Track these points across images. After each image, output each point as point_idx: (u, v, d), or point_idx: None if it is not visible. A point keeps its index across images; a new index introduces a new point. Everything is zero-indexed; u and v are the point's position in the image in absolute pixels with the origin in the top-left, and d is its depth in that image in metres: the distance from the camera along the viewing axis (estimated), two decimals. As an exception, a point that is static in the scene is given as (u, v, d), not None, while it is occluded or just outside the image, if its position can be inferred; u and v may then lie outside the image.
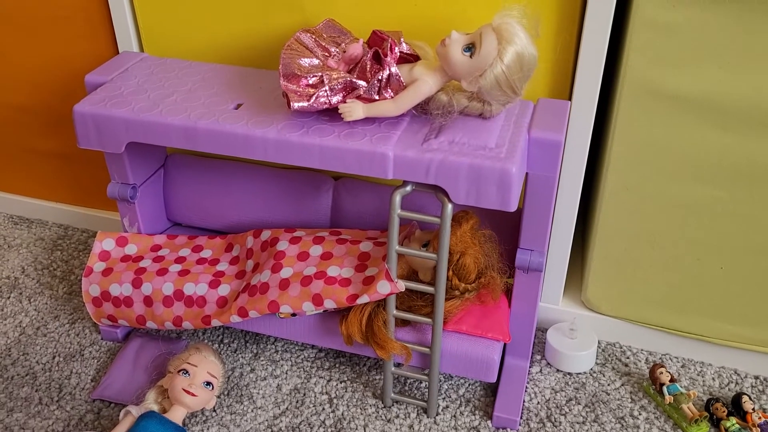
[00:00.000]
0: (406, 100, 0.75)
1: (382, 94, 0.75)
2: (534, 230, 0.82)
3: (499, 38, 0.70)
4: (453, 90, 0.76)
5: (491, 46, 0.70)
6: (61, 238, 1.23)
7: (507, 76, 0.71)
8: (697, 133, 0.82)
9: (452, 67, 0.72)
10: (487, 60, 0.70)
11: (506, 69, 0.70)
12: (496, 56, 0.70)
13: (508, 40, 0.70)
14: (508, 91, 0.73)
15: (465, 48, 0.71)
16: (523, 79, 0.73)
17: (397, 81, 0.75)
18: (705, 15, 0.75)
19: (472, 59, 0.71)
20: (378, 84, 0.75)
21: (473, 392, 0.93)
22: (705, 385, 0.94)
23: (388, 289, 0.80)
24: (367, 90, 0.75)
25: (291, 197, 0.99)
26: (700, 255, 0.90)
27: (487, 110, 0.77)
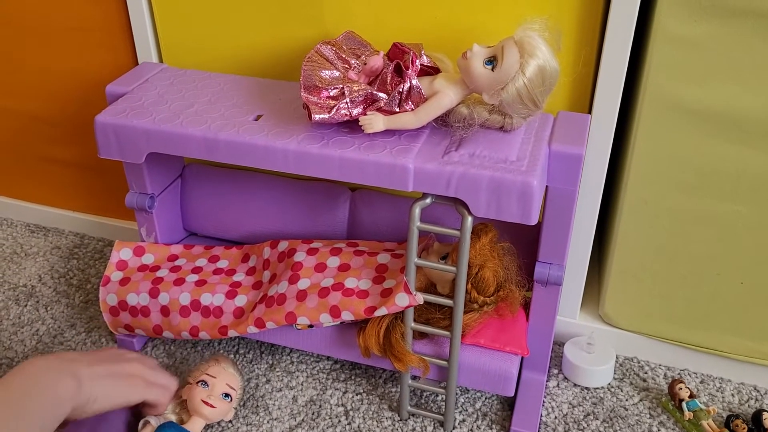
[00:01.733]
0: (427, 113, 0.75)
1: (403, 107, 0.75)
2: (553, 244, 0.82)
3: (521, 51, 0.70)
4: (473, 103, 0.76)
5: (513, 60, 0.70)
6: (78, 247, 1.24)
7: (529, 90, 0.71)
8: (717, 147, 0.81)
9: (473, 80, 0.72)
10: (509, 73, 0.70)
11: (528, 82, 0.70)
12: (518, 69, 0.70)
13: (530, 53, 0.69)
14: (530, 104, 0.73)
15: (486, 61, 0.71)
16: (544, 93, 0.72)
17: (417, 93, 0.75)
18: (726, 30, 0.75)
19: (493, 72, 0.71)
20: (399, 96, 0.75)
21: (490, 406, 0.92)
22: (725, 402, 0.93)
23: (406, 301, 0.80)
24: (388, 102, 0.75)
25: (308, 208, 0.99)
26: (720, 270, 0.89)
27: (508, 123, 0.77)
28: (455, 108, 0.76)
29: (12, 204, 1.31)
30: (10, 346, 1.03)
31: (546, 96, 0.73)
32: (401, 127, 0.76)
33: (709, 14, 0.74)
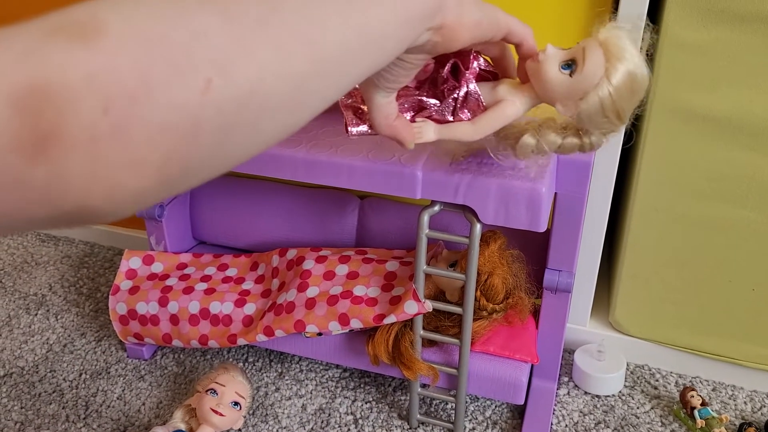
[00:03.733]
0: (489, 124, 0.62)
1: (458, 115, 0.63)
2: (563, 251, 0.82)
3: (607, 54, 0.56)
4: (538, 127, 0.64)
5: (597, 63, 0.56)
6: (88, 256, 1.24)
7: (614, 100, 0.57)
8: (727, 153, 0.81)
9: (546, 87, 0.59)
10: (592, 80, 0.57)
11: (614, 91, 0.57)
12: (603, 75, 0.56)
13: (618, 56, 0.56)
14: (614, 117, 0.58)
15: (563, 65, 0.58)
16: (632, 104, 0.59)
17: (475, 100, 0.62)
18: (734, 35, 0.75)
19: (572, 78, 0.57)
20: (453, 103, 0.62)
21: (500, 414, 0.92)
22: (737, 409, 0.92)
23: (415, 309, 0.80)
24: (440, 110, 0.63)
25: (316, 216, 0.99)
26: (731, 276, 0.89)
27: (587, 143, 0.63)
28: (521, 140, 0.64)
29: (23, 213, 1.32)
30: (21, 354, 1.04)
31: (633, 108, 0.60)
32: (456, 138, 0.63)
33: (717, 20, 0.74)
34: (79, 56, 0.27)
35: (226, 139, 0.32)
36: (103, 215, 0.30)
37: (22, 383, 0.99)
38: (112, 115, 0.28)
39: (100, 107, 0.27)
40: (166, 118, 0.29)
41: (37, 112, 0.26)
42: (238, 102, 0.32)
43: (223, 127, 0.32)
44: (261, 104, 0.33)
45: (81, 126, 0.27)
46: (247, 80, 0.32)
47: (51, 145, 0.27)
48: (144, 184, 0.30)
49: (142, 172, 0.29)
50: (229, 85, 0.31)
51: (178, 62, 0.29)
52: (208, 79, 0.30)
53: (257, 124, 0.33)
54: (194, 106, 0.30)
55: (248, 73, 0.32)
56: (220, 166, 0.33)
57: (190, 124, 0.30)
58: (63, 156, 0.27)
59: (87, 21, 0.28)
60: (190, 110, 0.30)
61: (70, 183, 0.28)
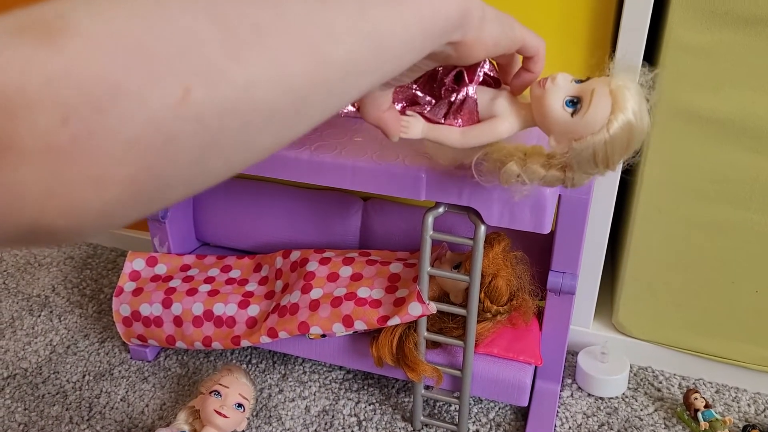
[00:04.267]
0: (478, 137, 0.60)
1: (450, 119, 0.60)
2: (566, 252, 0.82)
3: (614, 104, 0.54)
4: (524, 155, 0.62)
5: (603, 113, 0.54)
6: (91, 257, 1.25)
7: (607, 150, 0.55)
8: (731, 155, 0.81)
9: (545, 118, 0.57)
10: (592, 127, 0.55)
11: (610, 141, 0.55)
12: (604, 125, 0.54)
13: (622, 107, 0.54)
14: (602, 165, 0.57)
15: (568, 101, 0.56)
16: (624, 155, 0.57)
17: (471, 108, 0.60)
18: (738, 37, 0.75)
19: (573, 118, 0.55)
20: (448, 106, 0.60)
21: (503, 416, 0.92)
22: (740, 411, 0.92)
23: (419, 310, 0.80)
24: (433, 109, 0.61)
25: (320, 218, 0.99)
26: (734, 278, 0.89)
27: (569, 178, 0.60)
28: (506, 167, 0.61)
29: (26, 215, 1.32)
30: (24, 356, 1.04)
31: (624, 158, 0.58)
32: (442, 142, 0.61)
33: (720, 22, 0.74)
34: (40, 58, 0.24)
35: (208, 153, 0.29)
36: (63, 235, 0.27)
37: (25, 385, 0.99)
38: (72, 125, 0.25)
39: (59, 116, 0.25)
40: (134, 131, 0.26)
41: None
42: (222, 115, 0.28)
43: (204, 142, 0.28)
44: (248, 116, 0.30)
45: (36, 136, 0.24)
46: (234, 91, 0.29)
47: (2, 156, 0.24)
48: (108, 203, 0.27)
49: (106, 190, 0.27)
50: (212, 96, 0.28)
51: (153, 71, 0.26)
52: (186, 88, 0.27)
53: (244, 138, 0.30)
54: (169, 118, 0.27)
55: (236, 83, 0.29)
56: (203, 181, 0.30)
57: (162, 139, 0.27)
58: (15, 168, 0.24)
59: (54, 19, 0.25)
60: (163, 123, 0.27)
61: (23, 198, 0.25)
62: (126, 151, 0.26)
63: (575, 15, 0.81)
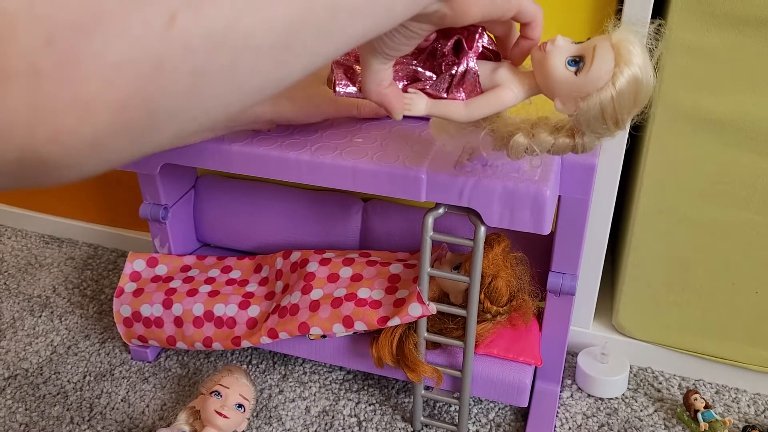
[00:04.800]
0: (482, 108, 0.59)
1: (453, 93, 0.59)
2: (566, 253, 0.82)
3: (617, 57, 0.54)
4: (531, 127, 0.62)
5: (606, 66, 0.54)
6: (91, 258, 1.25)
7: (615, 105, 0.55)
8: (731, 156, 0.81)
9: (548, 81, 0.56)
10: (597, 83, 0.54)
11: (617, 96, 0.54)
12: (609, 80, 0.54)
13: (627, 61, 0.54)
14: (611, 123, 0.56)
15: (570, 60, 0.55)
16: (632, 112, 0.56)
17: (473, 80, 0.59)
18: (739, 39, 0.75)
19: (577, 77, 0.55)
20: (449, 79, 0.59)
21: (503, 417, 0.92)
22: (740, 412, 0.92)
23: (419, 311, 0.80)
24: (434, 84, 0.60)
25: (320, 219, 1.00)
26: (734, 279, 0.89)
27: (579, 145, 0.60)
28: (513, 139, 0.61)
29: (26, 215, 1.32)
30: (25, 356, 1.04)
31: (633, 115, 0.57)
32: (446, 117, 0.60)
33: (721, 23, 0.74)
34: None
35: (199, 82, 0.29)
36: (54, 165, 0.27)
37: (26, 385, 0.99)
38: (55, 46, 0.25)
39: (42, 36, 0.24)
40: (121, 54, 0.26)
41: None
42: (209, 42, 0.28)
43: (195, 68, 0.28)
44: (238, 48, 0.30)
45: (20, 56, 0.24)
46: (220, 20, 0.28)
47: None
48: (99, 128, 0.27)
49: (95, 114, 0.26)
50: (198, 23, 0.28)
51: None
52: (173, 13, 0.27)
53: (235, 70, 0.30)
54: (156, 42, 0.27)
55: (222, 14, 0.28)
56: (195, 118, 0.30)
57: (150, 64, 0.27)
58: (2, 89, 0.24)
59: None
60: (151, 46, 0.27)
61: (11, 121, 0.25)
62: (113, 73, 0.26)
63: (574, 17, 0.81)
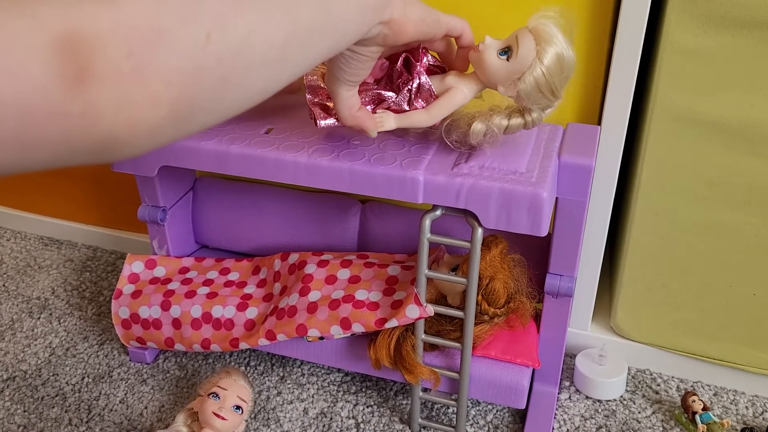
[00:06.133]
0: (440, 110, 0.71)
1: (413, 105, 0.71)
2: (564, 255, 0.82)
3: (536, 39, 0.66)
4: (487, 114, 0.73)
5: (529, 48, 0.66)
6: (90, 260, 1.25)
7: (547, 78, 0.67)
8: (728, 158, 0.81)
9: (488, 73, 0.68)
10: (526, 62, 0.66)
11: (546, 70, 0.67)
12: (535, 57, 0.66)
13: (546, 40, 0.66)
14: (548, 94, 0.69)
15: (500, 51, 0.67)
16: (563, 81, 0.69)
17: (428, 90, 0.71)
18: (735, 41, 0.75)
19: (509, 63, 0.67)
20: (408, 94, 0.71)
21: (501, 418, 0.92)
22: (738, 414, 0.92)
23: (417, 313, 0.80)
24: (397, 101, 0.71)
25: (318, 221, 1.00)
26: (732, 281, 0.89)
27: (529, 121, 0.72)
28: (471, 127, 0.72)
29: (25, 217, 1.32)
30: (24, 358, 1.04)
31: (564, 85, 0.69)
32: (414, 126, 0.72)
33: (718, 25, 0.74)
34: (105, 10, 0.34)
35: (223, 85, 0.39)
36: (125, 146, 0.36)
37: (24, 387, 0.99)
38: (133, 57, 0.34)
39: (124, 50, 0.34)
40: (176, 62, 0.36)
41: (75, 53, 0.32)
42: (233, 56, 0.38)
43: (221, 75, 0.38)
44: (251, 61, 0.40)
45: (109, 65, 0.33)
46: (239, 38, 0.39)
47: (86, 80, 0.33)
48: (159, 119, 0.36)
49: (158, 107, 0.36)
50: (225, 40, 0.38)
51: (184, 16, 0.36)
52: (208, 32, 0.37)
53: (246, 77, 0.40)
54: (198, 54, 0.37)
55: (239, 31, 0.39)
56: (218, 112, 0.40)
57: (194, 69, 0.36)
58: (95, 89, 0.33)
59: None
60: (195, 57, 0.36)
61: (101, 112, 0.34)
62: (172, 76, 0.36)
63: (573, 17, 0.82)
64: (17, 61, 0.31)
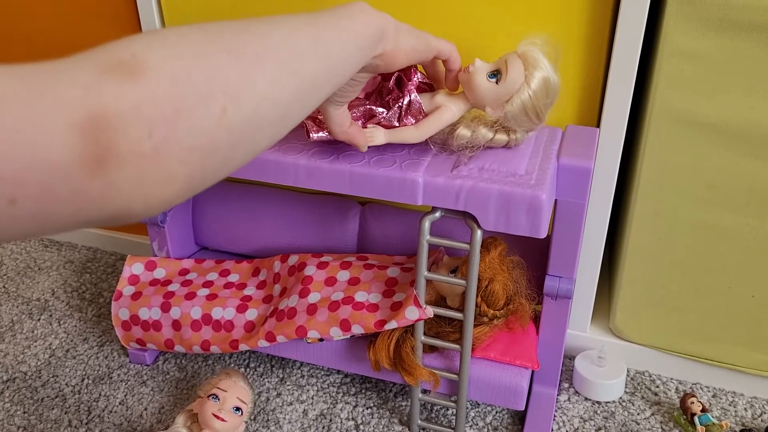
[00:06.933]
0: (429, 127, 0.74)
1: (403, 121, 0.74)
2: (563, 257, 0.82)
3: (525, 65, 0.70)
4: (475, 123, 0.75)
5: (518, 73, 0.70)
6: (90, 261, 1.25)
7: (533, 102, 0.71)
8: (727, 160, 0.81)
9: (476, 94, 0.71)
10: (514, 86, 0.70)
11: (533, 94, 0.70)
12: (523, 82, 0.70)
13: (534, 66, 0.70)
14: (533, 117, 0.72)
15: (490, 74, 0.70)
16: (548, 105, 0.72)
17: (417, 107, 0.73)
18: (734, 43, 0.75)
19: (498, 86, 0.70)
20: (399, 111, 0.73)
21: (500, 420, 0.92)
22: (737, 416, 0.92)
23: (416, 315, 0.80)
24: (388, 117, 0.74)
25: (318, 222, 1.00)
26: (731, 283, 0.89)
27: (513, 139, 0.75)
28: (456, 131, 0.74)
29: (26, 219, 1.32)
30: (24, 359, 1.04)
31: (549, 109, 0.73)
32: (403, 141, 0.75)
33: (716, 28, 0.75)
34: (128, 90, 0.33)
35: (233, 152, 0.39)
36: (138, 217, 0.36)
37: (24, 388, 0.99)
38: (154, 138, 0.34)
39: (146, 131, 0.34)
40: (193, 140, 0.36)
41: (97, 135, 0.32)
42: (244, 124, 0.39)
43: (233, 144, 0.39)
44: (260, 125, 0.40)
45: (130, 146, 0.33)
46: (251, 107, 0.39)
47: (107, 162, 0.33)
48: (173, 194, 0.36)
49: (174, 184, 0.36)
50: (239, 111, 0.38)
51: (201, 94, 0.36)
52: (224, 107, 0.37)
53: (255, 139, 0.41)
54: (213, 130, 0.37)
55: (252, 101, 0.39)
56: (225, 173, 0.40)
57: (210, 144, 0.37)
58: (116, 170, 0.33)
59: (130, 60, 0.34)
60: (210, 133, 0.37)
61: (120, 192, 0.34)
62: (188, 155, 0.36)
63: (570, 21, 0.82)
64: (40, 143, 0.31)
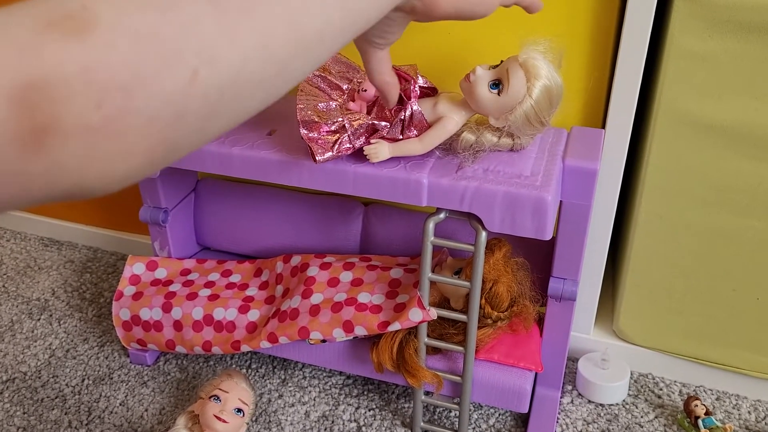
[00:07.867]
0: (433, 139, 0.73)
1: (406, 133, 0.73)
2: (567, 259, 0.81)
3: (527, 74, 0.68)
4: (479, 127, 0.74)
5: (520, 84, 0.68)
6: (91, 261, 1.24)
7: (536, 111, 0.70)
8: (732, 162, 0.81)
9: (478, 104, 0.71)
10: (517, 97, 0.69)
11: (536, 104, 0.69)
12: (525, 93, 0.69)
13: (536, 76, 0.68)
14: (537, 125, 0.72)
15: (492, 84, 0.69)
16: (551, 112, 0.72)
17: (419, 119, 0.73)
18: (740, 45, 0.75)
19: (500, 97, 0.69)
20: (401, 124, 0.73)
21: (503, 422, 0.92)
22: (741, 419, 0.92)
23: (420, 316, 0.80)
24: (390, 130, 0.73)
25: (321, 223, 0.99)
26: (735, 285, 0.89)
27: (517, 144, 0.75)
28: (461, 135, 0.74)
29: (25, 218, 1.32)
30: (24, 359, 1.04)
31: (552, 114, 0.72)
32: (408, 154, 0.74)
33: (722, 30, 0.74)
34: (74, 51, 0.28)
35: (209, 123, 0.33)
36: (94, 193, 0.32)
37: (24, 388, 0.98)
38: (105, 108, 0.28)
39: (94, 101, 0.28)
40: (154, 109, 0.30)
41: (34, 106, 0.27)
42: (223, 89, 0.32)
43: (207, 113, 0.32)
44: (245, 87, 0.33)
45: (76, 119, 0.28)
46: (232, 68, 0.32)
47: (48, 137, 0.28)
48: (133, 169, 0.31)
49: (132, 160, 0.31)
50: (215, 75, 0.31)
51: (167, 55, 0.30)
52: (195, 70, 0.31)
53: (241, 103, 0.34)
54: (181, 97, 0.31)
55: (233, 61, 0.32)
56: (200, 143, 0.35)
57: (175, 114, 0.31)
58: (59, 147, 0.28)
59: (79, 13, 0.28)
60: (177, 101, 0.30)
61: (66, 170, 0.29)
62: (147, 127, 0.30)
63: (577, 22, 0.81)
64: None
